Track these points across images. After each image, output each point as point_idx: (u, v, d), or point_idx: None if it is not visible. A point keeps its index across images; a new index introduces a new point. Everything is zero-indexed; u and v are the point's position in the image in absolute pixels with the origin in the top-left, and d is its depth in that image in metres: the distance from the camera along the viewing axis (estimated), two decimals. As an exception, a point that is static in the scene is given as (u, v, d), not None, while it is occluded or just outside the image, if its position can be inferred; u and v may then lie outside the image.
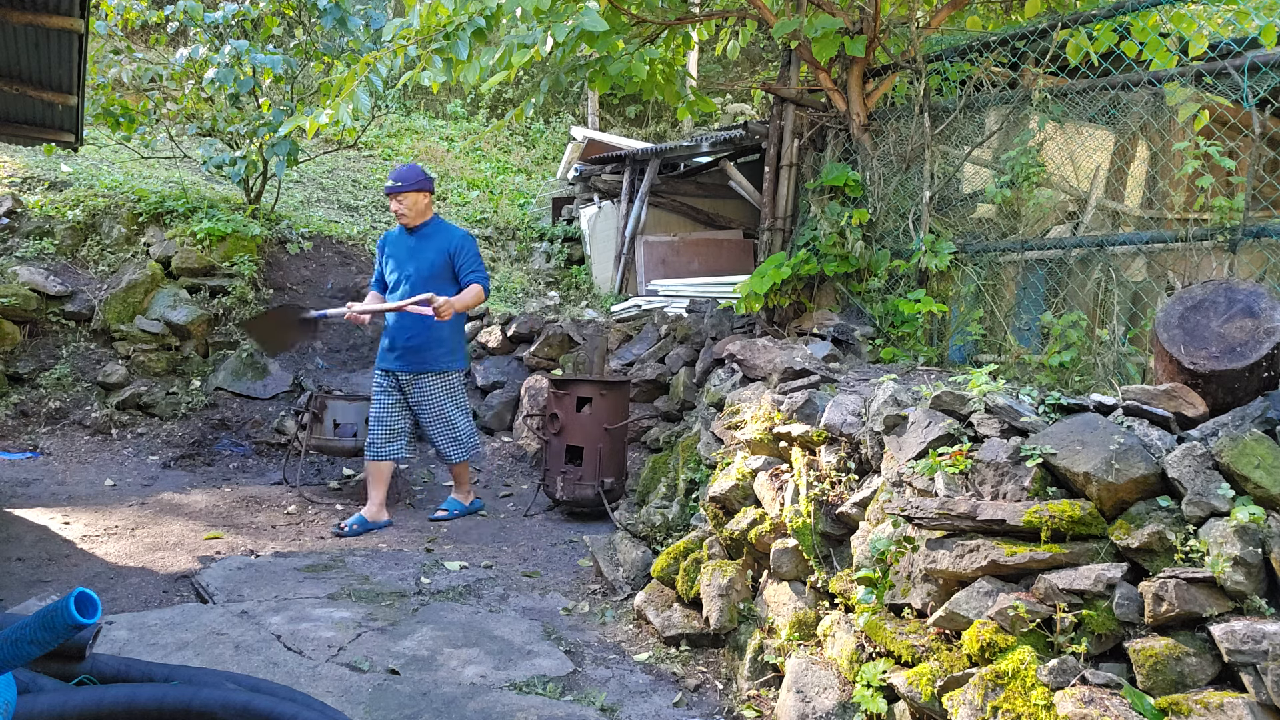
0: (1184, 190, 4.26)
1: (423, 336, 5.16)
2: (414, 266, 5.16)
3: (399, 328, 5.20)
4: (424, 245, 5.19)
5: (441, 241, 5.18)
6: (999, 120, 4.36)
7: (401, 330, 5.19)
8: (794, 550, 3.27)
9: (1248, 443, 2.12)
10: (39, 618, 1.56)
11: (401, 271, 5.20)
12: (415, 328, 5.13)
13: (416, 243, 5.21)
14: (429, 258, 5.16)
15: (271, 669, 3.14)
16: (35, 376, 7.24)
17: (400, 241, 5.27)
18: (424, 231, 5.22)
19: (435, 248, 5.17)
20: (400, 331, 5.19)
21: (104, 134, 9.80)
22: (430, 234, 5.21)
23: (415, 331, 5.15)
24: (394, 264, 5.25)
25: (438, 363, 5.22)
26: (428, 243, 5.20)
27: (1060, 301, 3.95)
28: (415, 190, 5.14)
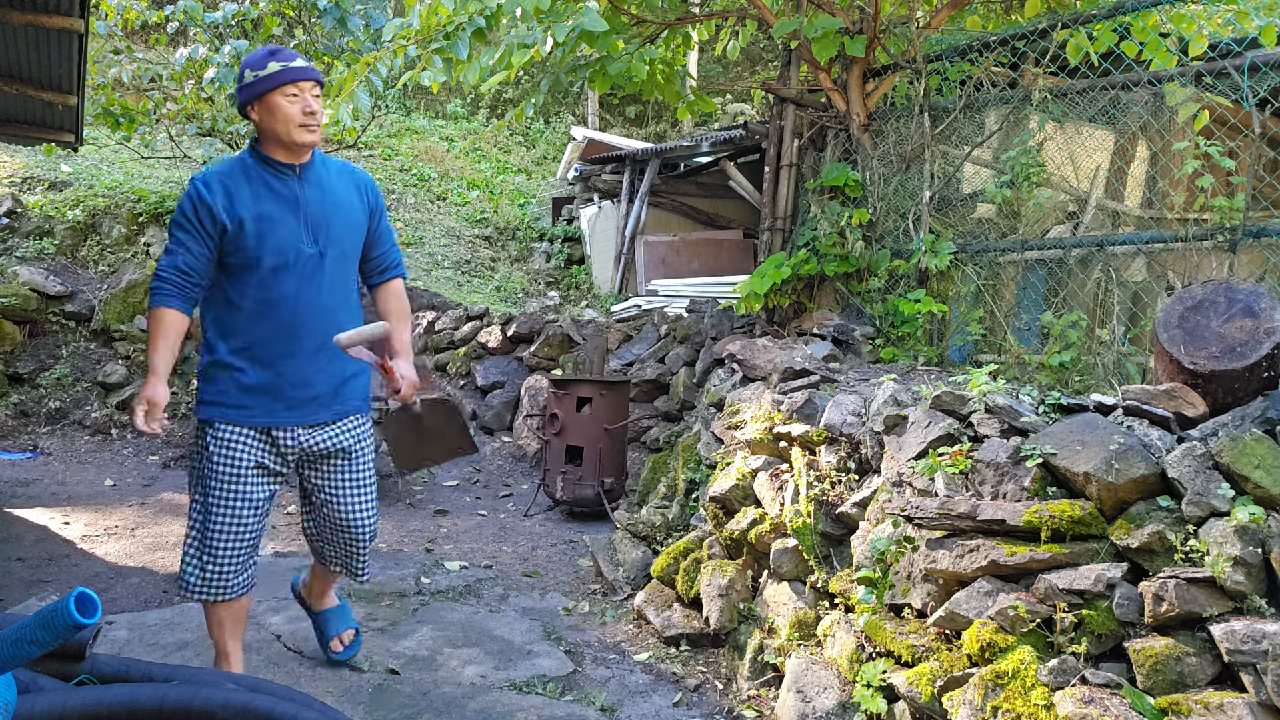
0: (1184, 190, 4.26)
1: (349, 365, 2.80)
2: (322, 232, 2.67)
3: (303, 353, 2.71)
4: (324, 193, 2.71)
5: (348, 187, 2.79)
6: (999, 120, 4.35)
7: (313, 356, 2.72)
8: (794, 550, 3.27)
9: (1248, 443, 2.12)
10: (39, 618, 1.56)
11: (292, 242, 2.63)
12: (334, 353, 2.69)
13: (308, 189, 2.67)
14: (344, 216, 2.74)
15: (272, 669, 3.14)
16: (35, 376, 7.24)
17: (266, 186, 2.63)
18: (316, 168, 2.72)
19: (345, 200, 2.75)
20: (310, 360, 2.71)
21: (104, 134, 9.80)
22: (328, 174, 2.75)
23: (334, 360, 2.74)
24: (262, 229, 2.60)
25: (365, 398, 2.92)
26: (328, 190, 2.72)
27: (1060, 301, 3.95)
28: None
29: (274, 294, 2.61)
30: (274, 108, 2.55)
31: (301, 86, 2.57)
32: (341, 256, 2.73)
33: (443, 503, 5.96)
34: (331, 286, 2.71)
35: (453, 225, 11.34)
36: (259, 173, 2.62)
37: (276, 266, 2.60)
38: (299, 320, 2.65)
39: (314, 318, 2.67)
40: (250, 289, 2.61)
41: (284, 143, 2.59)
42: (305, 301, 2.64)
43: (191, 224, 2.56)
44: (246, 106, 2.60)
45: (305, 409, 2.71)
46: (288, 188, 2.64)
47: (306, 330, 2.66)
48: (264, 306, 2.62)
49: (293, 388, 2.67)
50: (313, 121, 2.58)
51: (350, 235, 2.76)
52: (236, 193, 2.58)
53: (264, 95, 2.55)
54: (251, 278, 2.60)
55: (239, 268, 2.60)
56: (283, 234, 2.60)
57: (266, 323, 2.63)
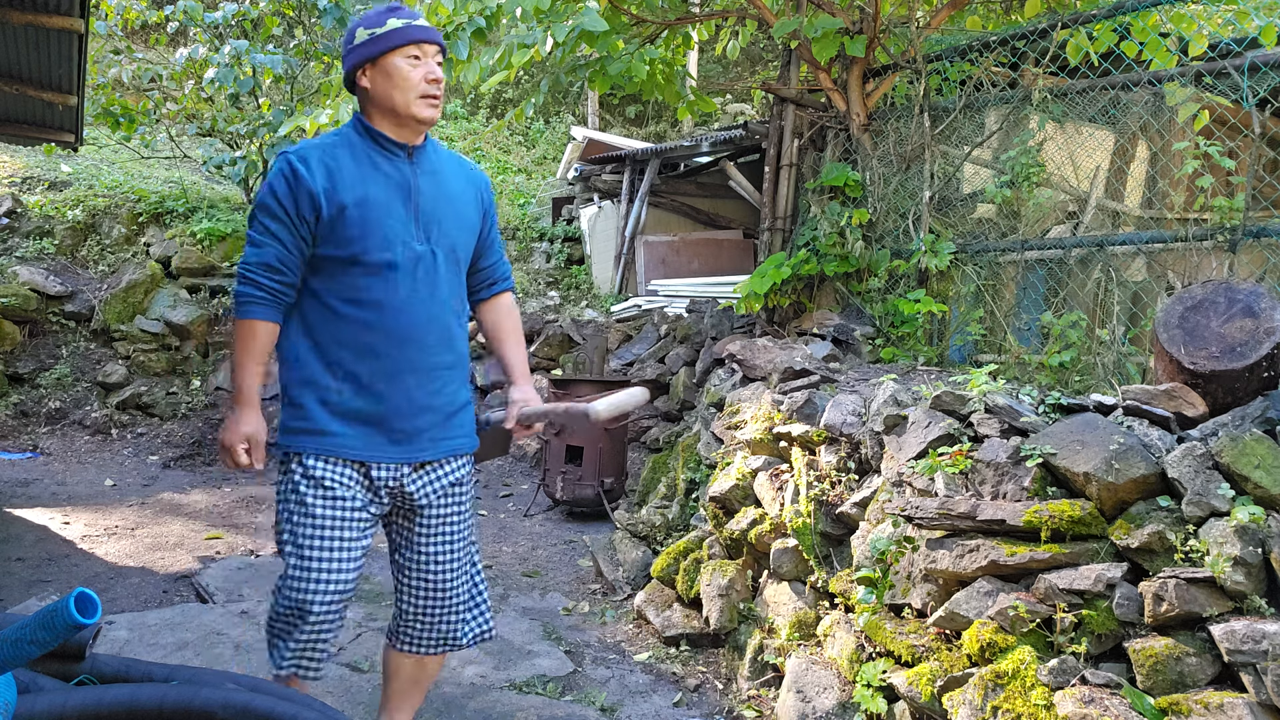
0: (1184, 190, 4.26)
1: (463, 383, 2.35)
2: (434, 228, 2.20)
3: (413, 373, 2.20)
4: (437, 184, 2.24)
5: (463, 181, 2.32)
6: (999, 120, 4.35)
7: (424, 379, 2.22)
8: (794, 550, 3.27)
9: (1248, 443, 2.12)
10: (39, 618, 1.56)
11: (400, 235, 2.14)
12: (454, 364, 2.28)
13: (421, 176, 2.20)
14: (458, 213, 2.27)
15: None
16: (35, 376, 7.24)
17: (374, 166, 2.16)
18: (429, 153, 2.26)
19: (459, 195, 2.29)
20: (421, 383, 2.21)
21: (104, 134, 9.81)
22: (441, 161, 2.29)
23: (456, 372, 2.29)
24: (367, 217, 2.11)
25: (473, 432, 2.38)
26: (442, 180, 2.26)
27: (1060, 301, 3.95)
28: None
29: (379, 297, 2.10)
30: (392, 72, 2.08)
31: (425, 49, 2.10)
32: (454, 260, 2.23)
33: None
34: (447, 294, 2.19)
35: (453, 225, 11.30)
36: (365, 150, 2.13)
37: (382, 264, 2.09)
38: (409, 332, 2.12)
39: (427, 330, 2.14)
40: (349, 290, 2.10)
41: (400, 116, 2.10)
42: (417, 309, 2.13)
43: (284, 210, 2.06)
44: (357, 71, 2.12)
45: (411, 444, 2.17)
46: (398, 171, 2.14)
47: (418, 345, 2.14)
48: (366, 312, 2.10)
49: (398, 416, 2.14)
50: (436, 93, 2.11)
51: (464, 236, 2.26)
52: (338, 172, 2.08)
53: (380, 58, 2.08)
54: (351, 276, 2.10)
55: (335, 263, 2.10)
56: (391, 224, 2.10)
57: (369, 333, 2.11)
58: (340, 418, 2.13)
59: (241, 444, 2.12)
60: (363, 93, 2.14)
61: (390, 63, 2.09)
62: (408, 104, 2.10)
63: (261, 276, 2.07)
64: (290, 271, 2.10)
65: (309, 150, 2.11)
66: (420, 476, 2.22)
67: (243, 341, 2.10)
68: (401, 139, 2.15)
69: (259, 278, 2.07)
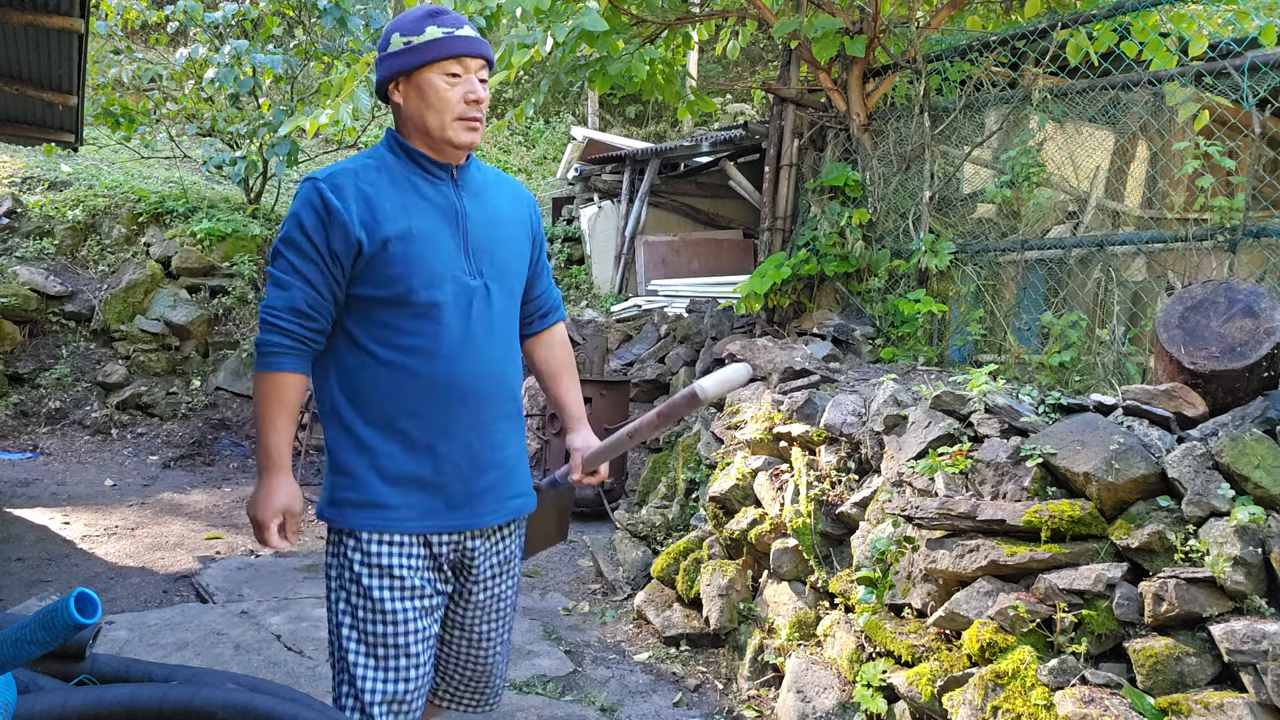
0: (1184, 190, 4.26)
1: (522, 431, 2.06)
2: (485, 259, 1.91)
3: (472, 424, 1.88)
4: (485, 208, 1.96)
5: (510, 203, 2.03)
6: (999, 120, 4.35)
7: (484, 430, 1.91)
8: (794, 550, 3.27)
9: (1248, 443, 2.12)
10: (39, 618, 1.56)
11: (450, 269, 1.84)
12: (514, 411, 2.00)
13: (468, 200, 1.92)
14: (509, 240, 1.98)
15: (272, 669, 3.14)
16: (35, 376, 7.24)
17: (416, 192, 1.86)
18: (473, 173, 1.97)
19: (509, 219, 2.01)
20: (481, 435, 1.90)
21: (104, 134, 9.81)
22: (486, 181, 2.01)
23: (516, 421, 2.01)
24: (412, 251, 1.81)
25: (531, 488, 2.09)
26: (489, 203, 1.97)
27: (1060, 301, 3.95)
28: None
29: (427, 342, 1.80)
30: (426, 90, 1.79)
31: (468, 64, 1.80)
32: (508, 293, 1.94)
33: None
34: (501, 332, 1.91)
35: (453, 225, 11.32)
36: (405, 174, 1.84)
37: (431, 304, 1.79)
38: (465, 380, 1.82)
39: (484, 376, 1.85)
40: (391, 334, 1.80)
41: (433, 139, 1.82)
42: (472, 353, 1.83)
43: (314, 246, 1.75)
44: (389, 84, 1.84)
45: (474, 507, 1.87)
46: (443, 196, 1.85)
47: (476, 394, 1.84)
48: (413, 360, 1.80)
49: (459, 476, 1.84)
50: (477, 115, 1.81)
51: (516, 266, 1.97)
52: (378, 201, 1.78)
53: (415, 71, 1.79)
54: (394, 318, 1.79)
55: (374, 304, 1.79)
56: (440, 258, 1.80)
57: (418, 383, 1.80)
58: (396, 485, 1.81)
59: (275, 518, 1.78)
60: (396, 108, 1.87)
61: (425, 79, 1.79)
62: (442, 127, 1.80)
63: (288, 322, 1.76)
64: (321, 317, 1.79)
65: (341, 176, 1.79)
66: (480, 545, 1.91)
67: (269, 397, 1.77)
68: (444, 159, 1.86)
69: (286, 323, 1.76)
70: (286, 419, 1.78)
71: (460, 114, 1.80)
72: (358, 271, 1.78)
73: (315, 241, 1.76)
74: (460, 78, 1.80)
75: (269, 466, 1.79)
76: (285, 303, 1.77)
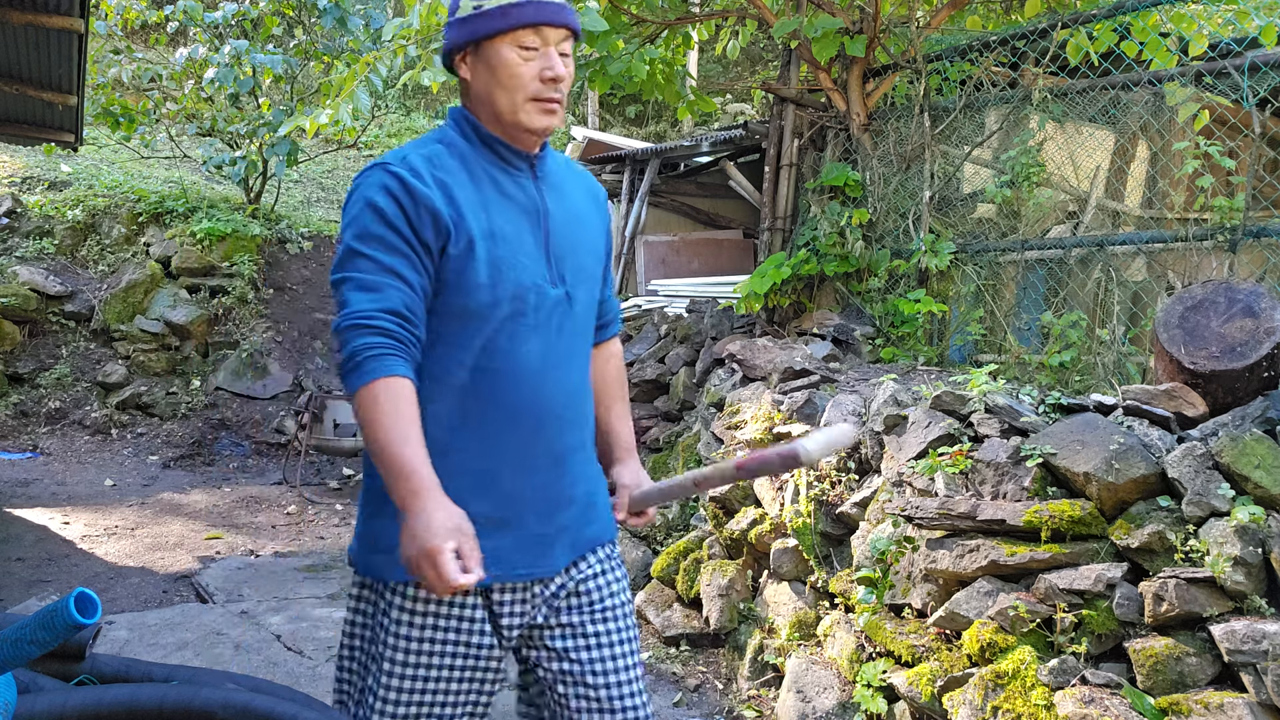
0: (1184, 190, 4.26)
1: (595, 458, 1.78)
2: (567, 263, 1.64)
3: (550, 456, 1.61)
4: (564, 203, 1.68)
5: (584, 195, 1.75)
6: (999, 120, 4.35)
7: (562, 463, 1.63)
8: (794, 550, 3.27)
9: (1248, 443, 2.12)
10: (39, 618, 1.56)
11: (533, 277, 1.57)
12: (591, 438, 1.74)
13: (549, 194, 1.64)
14: (588, 240, 1.72)
15: (272, 669, 3.14)
16: (35, 376, 7.24)
17: (495, 186, 1.58)
18: (549, 163, 1.68)
19: (587, 212, 1.74)
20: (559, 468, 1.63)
21: (104, 134, 9.81)
22: (561, 173, 1.72)
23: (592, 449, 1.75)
24: (496, 255, 1.53)
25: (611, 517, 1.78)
26: (567, 197, 1.69)
27: (1060, 301, 3.95)
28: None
29: (504, 361, 1.52)
30: (496, 65, 1.51)
31: (546, 34, 1.51)
32: (588, 302, 1.66)
33: (443, 503, 5.97)
34: (581, 349, 1.65)
35: (453, 225, 11.32)
36: (481, 162, 1.56)
37: (513, 316, 1.52)
38: (544, 404, 1.56)
39: (564, 398, 1.59)
40: (463, 351, 1.52)
41: (504, 123, 1.54)
42: (552, 373, 1.57)
43: (401, 236, 1.45)
44: (455, 55, 1.57)
45: (549, 552, 1.59)
46: (523, 190, 1.58)
47: (555, 420, 1.58)
48: (488, 381, 1.52)
49: (532, 515, 1.57)
50: (555, 95, 1.53)
51: (595, 270, 1.71)
52: (457, 191, 1.50)
53: (484, 41, 1.52)
54: (466, 333, 1.51)
55: (448, 316, 1.51)
56: (523, 263, 1.54)
57: (492, 409, 1.53)
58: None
59: (448, 542, 1.32)
60: (463, 84, 1.59)
61: (495, 51, 1.50)
62: (514, 108, 1.52)
63: (388, 321, 1.41)
64: (419, 321, 1.46)
65: (414, 158, 1.50)
66: (556, 588, 1.62)
67: (387, 407, 1.38)
68: (521, 146, 1.57)
69: (385, 322, 1.41)
70: (416, 428, 1.39)
71: (534, 94, 1.51)
72: (438, 277, 1.50)
73: (401, 230, 1.44)
74: (537, 51, 1.51)
75: (415, 489, 1.35)
76: (379, 304, 1.42)
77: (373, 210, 1.46)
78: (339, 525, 5.28)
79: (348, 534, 5.10)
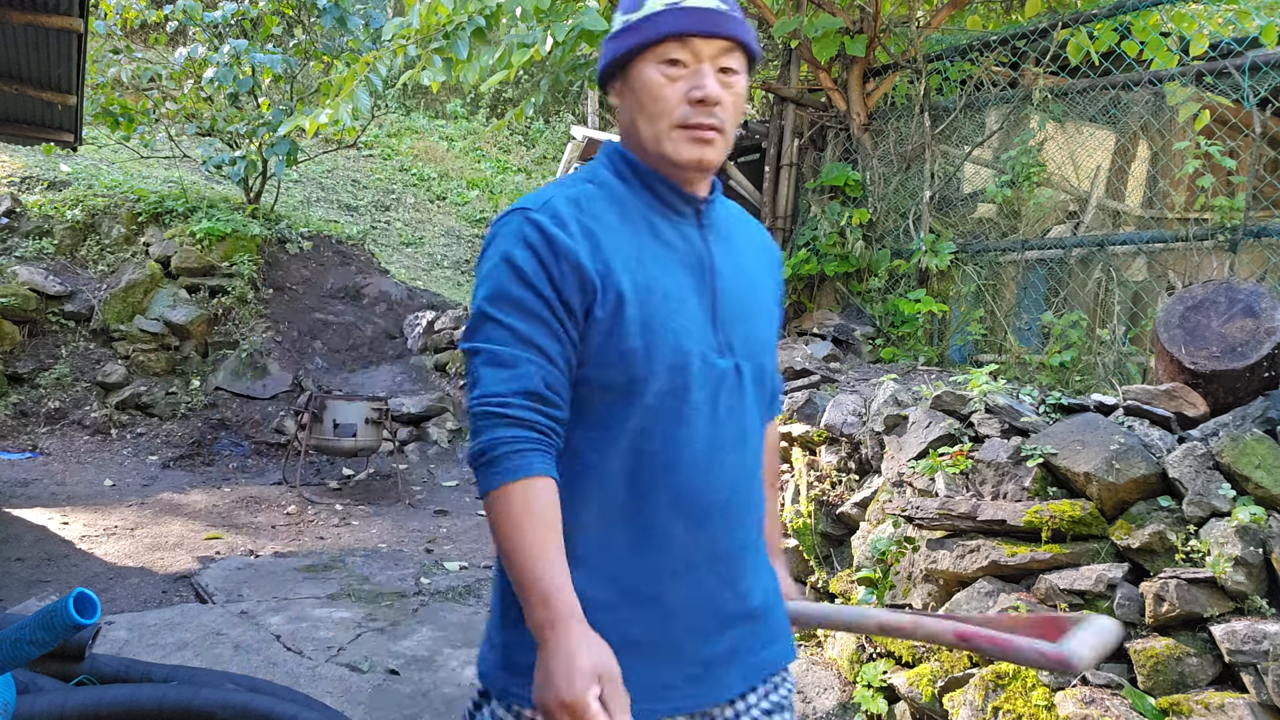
0: (1185, 190, 4.26)
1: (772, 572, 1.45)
2: (736, 330, 1.34)
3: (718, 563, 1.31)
4: (734, 256, 1.38)
5: (754, 247, 1.45)
6: (999, 120, 4.35)
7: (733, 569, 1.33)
8: (794, 550, 3.26)
9: (1249, 443, 2.11)
10: (38, 618, 1.56)
11: (697, 345, 1.28)
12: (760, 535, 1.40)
13: (717, 249, 1.35)
14: (763, 299, 1.42)
15: (271, 669, 3.14)
16: (34, 376, 7.24)
17: (653, 232, 1.31)
18: (717, 209, 1.40)
19: (758, 269, 1.44)
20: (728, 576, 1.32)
21: (103, 134, 9.81)
22: (730, 221, 1.43)
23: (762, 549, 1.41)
24: (652, 316, 1.25)
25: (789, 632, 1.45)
26: (737, 249, 1.40)
27: (1060, 301, 3.95)
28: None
29: (664, 446, 1.25)
30: (640, 87, 1.27)
31: (697, 48, 1.25)
32: (759, 376, 1.37)
33: (442, 503, 5.96)
34: (753, 431, 1.36)
35: (452, 225, 11.34)
36: (638, 205, 1.31)
37: (673, 391, 1.25)
38: (711, 498, 1.28)
39: (732, 491, 1.31)
40: (615, 435, 1.26)
41: (650, 156, 1.29)
42: (719, 460, 1.29)
43: (541, 298, 1.22)
44: (606, 81, 1.35)
45: (720, 679, 1.30)
46: (686, 240, 1.31)
47: (723, 517, 1.30)
48: (644, 470, 1.26)
49: (698, 633, 1.28)
50: (708, 120, 1.25)
51: (767, 338, 1.41)
52: (608, 242, 1.25)
53: (630, 62, 1.29)
54: (619, 412, 1.25)
55: (595, 390, 1.26)
56: (686, 328, 1.27)
57: (648, 504, 1.26)
58: (612, 649, 1.17)
59: (591, 687, 1.11)
60: (616, 113, 1.38)
61: (640, 72, 1.27)
62: (657, 137, 1.26)
63: (526, 409, 1.20)
64: (562, 402, 1.24)
65: (559, 203, 1.26)
66: (726, 715, 1.32)
67: (524, 515, 1.17)
68: (686, 187, 1.31)
69: (523, 411, 1.20)
70: (556, 542, 1.18)
71: (680, 119, 1.25)
72: (582, 346, 1.25)
73: (542, 292, 1.21)
74: (686, 68, 1.25)
75: (552, 618, 1.14)
76: (515, 385, 1.20)
77: (509, 267, 1.23)
78: (339, 525, 5.28)
79: (347, 534, 5.10)
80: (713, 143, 1.26)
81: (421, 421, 7.24)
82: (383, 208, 10.98)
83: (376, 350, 8.01)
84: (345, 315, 8.15)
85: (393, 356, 7.98)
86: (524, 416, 1.20)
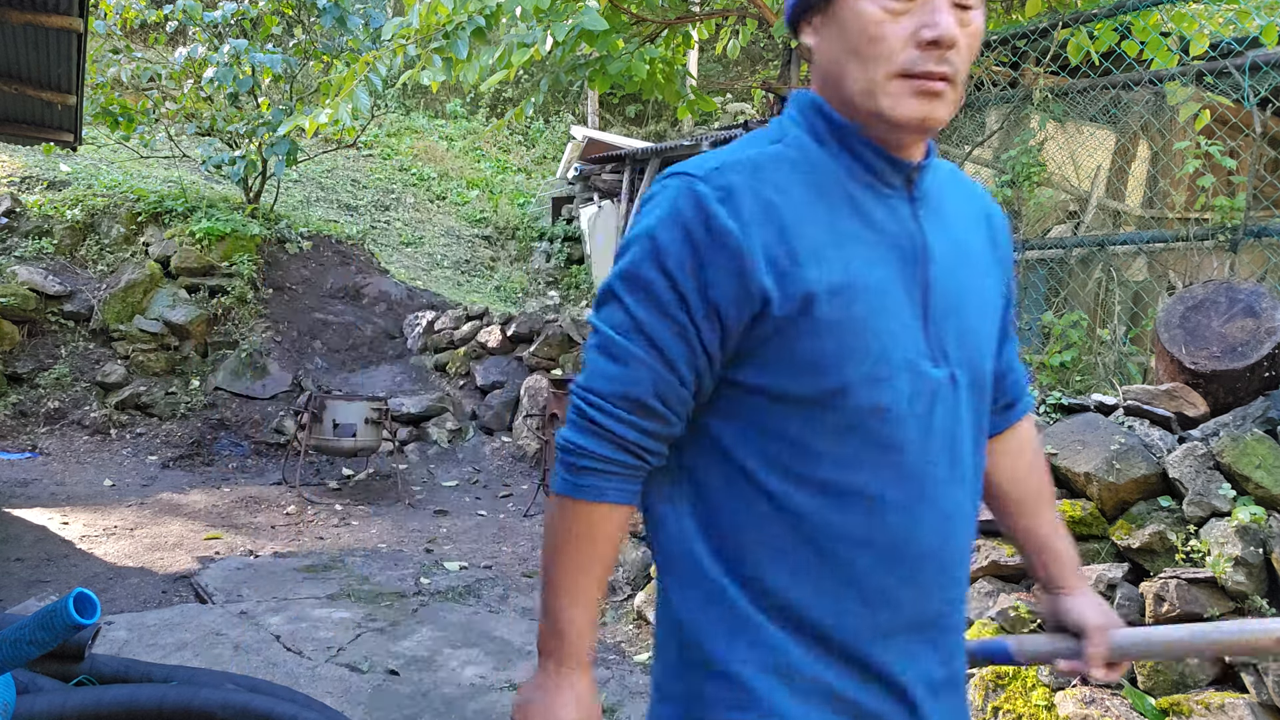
0: (1185, 190, 4.26)
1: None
2: (950, 328, 1.06)
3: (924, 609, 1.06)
4: (952, 238, 1.09)
5: (971, 219, 1.14)
6: (999, 119, 4.35)
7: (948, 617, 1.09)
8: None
9: (1249, 443, 2.11)
10: (38, 618, 1.56)
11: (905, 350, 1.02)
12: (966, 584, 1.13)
13: (930, 229, 1.06)
14: (982, 288, 1.12)
15: (271, 669, 3.14)
16: (34, 376, 7.24)
17: (854, 209, 1.03)
18: (932, 184, 1.10)
19: (976, 250, 1.13)
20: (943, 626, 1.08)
21: (103, 133, 9.81)
22: (942, 190, 1.11)
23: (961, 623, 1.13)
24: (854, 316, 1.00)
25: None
26: (954, 227, 1.10)
27: (1061, 301, 3.95)
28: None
29: (868, 476, 1.03)
30: (848, 23, 1.01)
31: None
32: (979, 385, 1.11)
33: (442, 503, 5.96)
34: (972, 456, 1.11)
35: (452, 225, 11.34)
36: (839, 174, 1.06)
37: (876, 409, 1.02)
38: (923, 541, 1.05)
39: (948, 533, 1.07)
40: (807, 460, 1.03)
41: (858, 111, 1.03)
42: (932, 493, 1.05)
43: (679, 294, 1.02)
44: (800, 17, 1.08)
45: None
46: (897, 219, 1.06)
47: (935, 565, 1.06)
48: (841, 505, 1.03)
49: (902, 705, 1.06)
50: (938, 69, 0.98)
51: (989, 332, 1.14)
52: (795, 222, 1.01)
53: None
54: (812, 432, 1.03)
55: (780, 405, 1.03)
56: (893, 331, 1.03)
57: (846, 547, 1.03)
58: (811, 702, 1.03)
59: None
60: (810, 58, 1.10)
61: (850, 4, 1.01)
62: (870, 88, 1.00)
63: (622, 421, 1.03)
64: (675, 416, 1.05)
65: (734, 172, 1.02)
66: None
67: (575, 540, 1.06)
68: (899, 152, 1.05)
69: (617, 423, 1.03)
70: (596, 574, 1.06)
71: (903, 66, 0.99)
72: (751, 344, 1.02)
73: (679, 283, 1.01)
74: (913, 2, 0.98)
75: (564, 655, 1.07)
76: (619, 387, 1.03)
77: (650, 243, 1.02)
78: (338, 525, 5.28)
79: (347, 534, 5.09)
80: (942, 95, 0.99)
81: (421, 421, 7.24)
82: (382, 207, 10.98)
83: (376, 350, 8.01)
84: (345, 315, 8.14)
85: (392, 356, 7.98)
86: (620, 434, 1.03)
